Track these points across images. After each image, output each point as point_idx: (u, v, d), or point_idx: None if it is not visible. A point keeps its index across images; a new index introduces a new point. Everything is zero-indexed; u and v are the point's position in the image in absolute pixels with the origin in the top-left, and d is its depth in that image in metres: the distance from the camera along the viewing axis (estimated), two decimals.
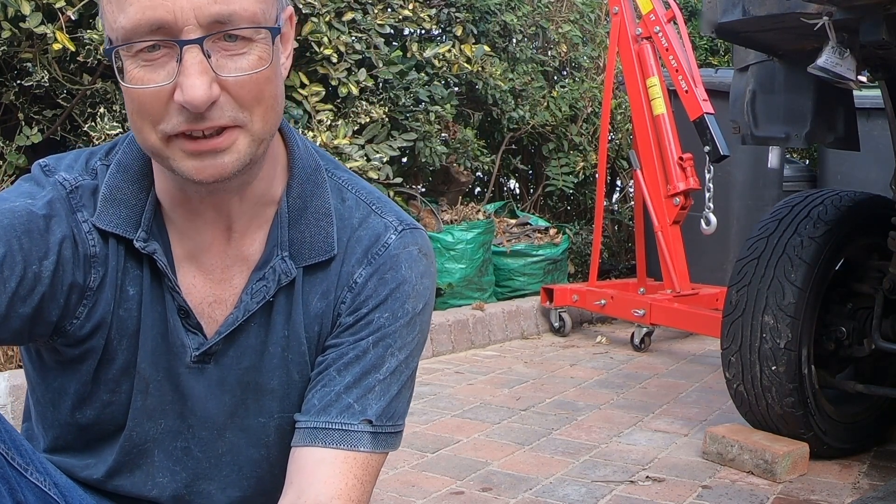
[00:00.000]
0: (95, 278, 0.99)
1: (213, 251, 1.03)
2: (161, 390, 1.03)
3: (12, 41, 2.86)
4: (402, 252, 1.05)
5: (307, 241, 1.03)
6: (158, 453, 1.05)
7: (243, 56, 0.90)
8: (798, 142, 2.55)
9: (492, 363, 3.73)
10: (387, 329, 1.03)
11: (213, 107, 0.89)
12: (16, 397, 2.41)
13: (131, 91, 0.90)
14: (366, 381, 1.02)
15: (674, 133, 3.90)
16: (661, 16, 3.84)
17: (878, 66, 2.28)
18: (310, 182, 1.05)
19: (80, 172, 1.02)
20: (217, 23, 0.87)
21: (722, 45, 6.58)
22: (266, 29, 0.90)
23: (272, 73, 0.93)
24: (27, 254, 0.92)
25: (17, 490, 0.93)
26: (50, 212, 0.96)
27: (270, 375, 1.04)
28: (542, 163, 5.48)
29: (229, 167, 0.92)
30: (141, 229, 0.99)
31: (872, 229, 2.55)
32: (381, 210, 1.07)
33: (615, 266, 5.50)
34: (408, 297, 1.04)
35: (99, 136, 2.95)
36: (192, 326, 1.02)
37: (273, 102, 0.94)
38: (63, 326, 0.98)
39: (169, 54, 0.88)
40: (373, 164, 3.73)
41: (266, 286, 1.02)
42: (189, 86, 0.86)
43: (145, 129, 0.91)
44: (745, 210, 4.68)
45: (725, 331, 2.50)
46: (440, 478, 2.33)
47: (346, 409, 1.01)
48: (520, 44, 5.14)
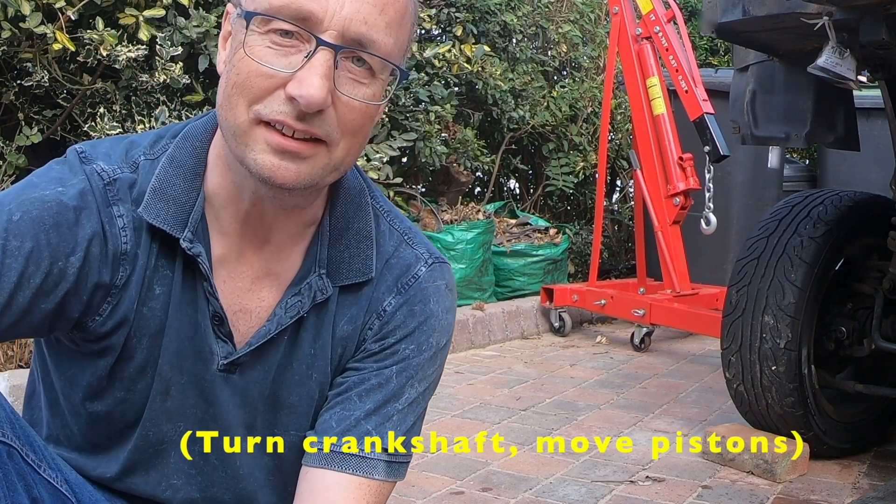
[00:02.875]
0: (122, 276, 0.97)
1: (244, 260, 1.01)
2: (184, 394, 1.02)
3: (12, 41, 2.86)
4: (431, 286, 1.06)
5: (346, 261, 1.03)
6: (175, 455, 1.04)
7: (363, 85, 0.90)
8: (798, 142, 2.55)
9: (492, 363, 3.73)
10: (410, 361, 1.04)
11: (318, 115, 0.88)
12: (16, 397, 2.41)
13: (246, 62, 0.88)
14: (385, 410, 1.02)
15: (674, 133, 3.90)
16: (661, 16, 3.84)
17: (878, 66, 2.27)
18: (354, 204, 1.04)
19: (119, 164, 0.98)
20: (357, 42, 0.88)
21: (722, 45, 6.59)
22: (394, 67, 0.92)
23: (376, 112, 0.94)
24: (54, 249, 0.91)
25: (33, 487, 0.93)
26: (81, 203, 0.94)
27: (291, 391, 1.04)
28: (542, 163, 5.48)
29: (303, 177, 0.90)
30: (188, 229, 0.97)
31: (872, 229, 2.55)
32: (413, 241, 1.08)
33: (615, 266, 5.50)
34: (433, 331, 1.05)
35: (99, 136, 2.95)
36: (224, 334, 1.00)
37: (362, 141, 0.95)
38: (84, 322, 0.97)
39: (299, 48, 0.87)
40: (373, 164, 3.73)
41: (301, 301, 1.01)
42: (311, 83, 0.86)
43: (239, 105, 0.89)
44: (745, 210, 4.68)
45: (725, 331, 2.50)
46: (440, 478, 2.33)
47: (364, 434, 1.01)
48: (520, 44, 5.15)
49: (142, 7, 3.03)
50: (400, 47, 0.92)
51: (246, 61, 0.88)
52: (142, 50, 2.95)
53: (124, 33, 3.00)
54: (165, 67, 3.03)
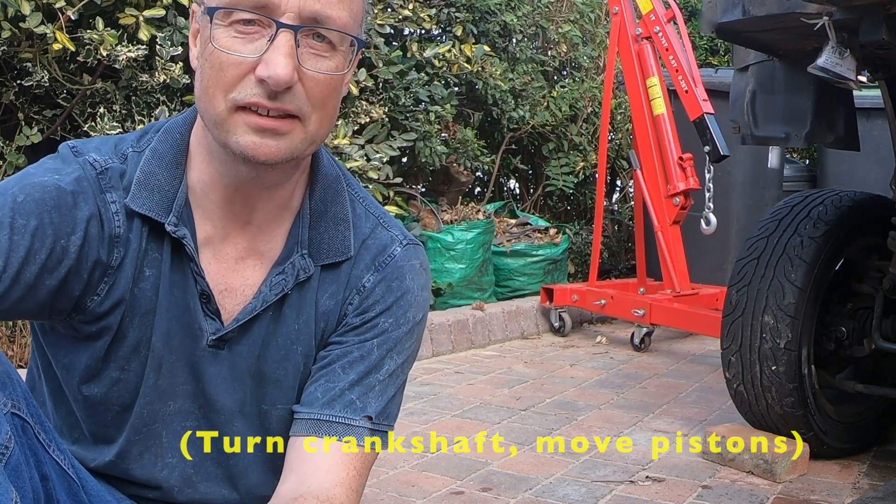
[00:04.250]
0: (117, 257, 1.02)
1: (228, 241, 1.07)
2: (174, 371, 1.06)
3: (12, 41, 2.86)
4: (407, 264, 1.13)
5: (326, 242, 1.09)
6: (167, 434, 1.08)
7: (325, 59, 0.97)
8: (798, 142, 2.55)
9: (492, 363, 3.73)
10: (390, 334, 1.10)
11: (288, 92, 0.94)
12: None
13: (216, 55, 0.95)
14: (367, 380, 1.08)
15: (674, 133, 3.90)
16: (661, 16, 3.84)
17: (878, 66, 2.27)
18: (331, 189, 1.11)
19: (109, 155, 1.05)
20: (314, 20, 0.95)
21: (722, 45, 6.59)
22: (352, 38, 0.98)
23: (341, 83, 1.01)
24: (57, 228, 0.96)
25: (44, 463, 0.97)
26: (77, 188, 1.00)
27: (276, 366, 1.09)
28: (542, 163, 5.48)
29: (283, 151, 0.96)
30: (172, 214, 1.03)
31: (872, 229, 2.55)
32: (387, 224, 1.15)
33: (615, 266, 5.50)
34: (410, 307, 1.11)
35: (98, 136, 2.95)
36: (212, 312, 1.06)
37: (332, 112, 1.01)
38: (84, 302, 1.02)
39: (261, 33, 0.94)
40: (373, 164, 3.72)
41: (284, 280, 1.07)
42: (276, 63, 0.92)
43: (217, 96, 0.96)
44: (745, 210, 4.68)
45: (725, 331, 2.50)
46: (440, 478, 2.33)
47: (349, 404, 1.06)
48: (520, 44, 5.14)
49: (142, 7, 3.03)
50: (355, 19, 0.98)
51: (216, 54, 0.95)
52: (142, 50, 2.95)
53: (124, 33, 3.00)
54: (165, 67, 3.03)
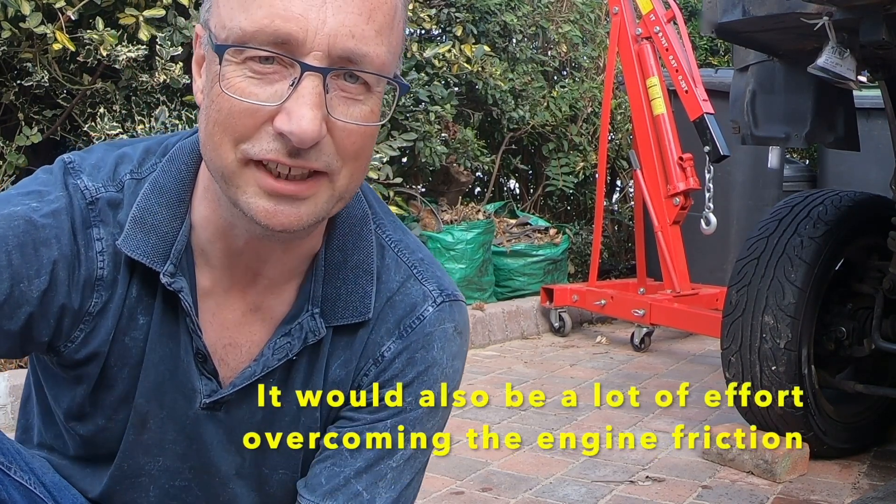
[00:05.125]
0: (97, 303, 0.90)
1: (233, 293, 0.94)
2: (163, 428, 0.96)
3: (12, 41, 2.86)
4: (437, 329, 0.96)
5: (342, 298, 0.94)
6: (154, 489, 0.99)
7: (359, 104, 0.81)
8: (798, 142, 2.55)
9: (492, 363, 3.73)
10: (408, 414, 0.95)
11: (314, 147, 0.79)
12: (16, 397, 2.41)
13: (224, 99, 0.79)
14: (378, 467, 0.95)
15: (674, 133, 3.90)
16: (661, 16, 3.84)
17: (878, 66, 2.27)
18: (353, 234, 0.95)
19: (104, 181, 0.91)
20: (347, 59, 0.78)
21: (722, 45, 6.58)
22: (392, 81, 0.83)
23: (376, 132, 0.85)
24: (16, 271, 0.84)
25: (1, 488, 0.91)
26: (53, 222, 0.87)
27: (281, 435, 0.98)
28: (542, 163, 5.48)
29: (304, 219, 0.82)
30: (170, 262, 0.89)
31: (872, 229, 2.55)
32: (422, 276, 0.98)
33: (615, 266, 5.50)
34: (436, 381, 0.96)
35: (99, 136, 2.95)
36: (208, 371, 0.94)
37: (366, 163, 0.86)
38: (57, 347, 0.91)
39: (282, 73, 0.78)
40: (373, 164, 3.73)
41: (290, 343, 0.93)
42: (301, 116, 0.76)
43: (224, 145, 0.80)
44: (745, 210, 4.68)
45: (725, 331, 2.49)
46: (440, 478, 2.33)
47: (354, 496, 0.94)
48: (520, 44, 5.14)
49: (142, 7, 3.03)
50: (394, 53, 0.84)
51: (224, 97, 0.79)
52: (142, 50, 2.95)
53: (124, 33, 3.00)
54: (165, 67, 3.03)
